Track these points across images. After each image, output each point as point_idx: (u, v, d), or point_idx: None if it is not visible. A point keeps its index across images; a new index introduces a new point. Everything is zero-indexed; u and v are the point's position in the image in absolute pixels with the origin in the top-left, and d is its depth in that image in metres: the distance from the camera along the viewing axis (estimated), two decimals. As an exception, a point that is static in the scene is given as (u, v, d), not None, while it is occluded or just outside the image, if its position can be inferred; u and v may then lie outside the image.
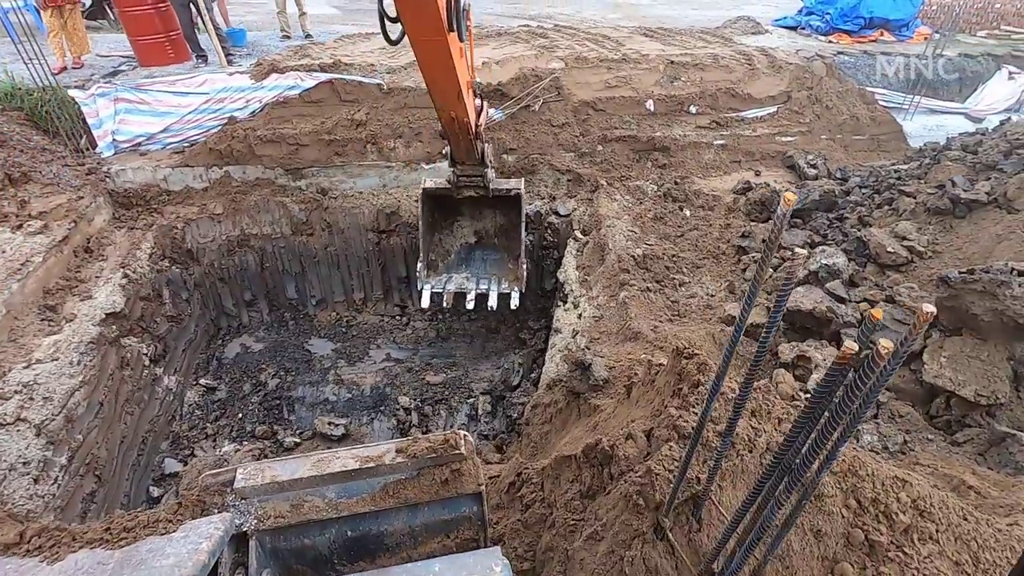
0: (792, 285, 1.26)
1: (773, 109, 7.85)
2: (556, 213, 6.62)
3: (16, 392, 4.08)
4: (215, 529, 1.67)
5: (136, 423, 4.94)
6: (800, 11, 10.17)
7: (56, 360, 4.42)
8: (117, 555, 1.74)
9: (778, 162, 7.43)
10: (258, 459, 4.89)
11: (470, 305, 5.59)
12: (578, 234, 6.18)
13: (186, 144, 6.57)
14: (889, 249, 4.37)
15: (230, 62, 7.22)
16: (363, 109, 6.77)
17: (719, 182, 7.00)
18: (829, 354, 3.81)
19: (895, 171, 5.96)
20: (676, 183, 6.72)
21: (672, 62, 7.91)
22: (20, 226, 5.22)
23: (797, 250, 1.34)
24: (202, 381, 5.83)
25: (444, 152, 5.58)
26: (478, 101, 5.22)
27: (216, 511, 1.83)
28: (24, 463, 3.82)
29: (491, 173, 5.57)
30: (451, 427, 5.44)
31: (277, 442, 5.09)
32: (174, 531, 1.69)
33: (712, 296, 5.08)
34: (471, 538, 2.07)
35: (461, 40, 3.81)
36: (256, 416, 5.44)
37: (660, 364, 2.30)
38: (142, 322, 5.48)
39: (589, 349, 4.03)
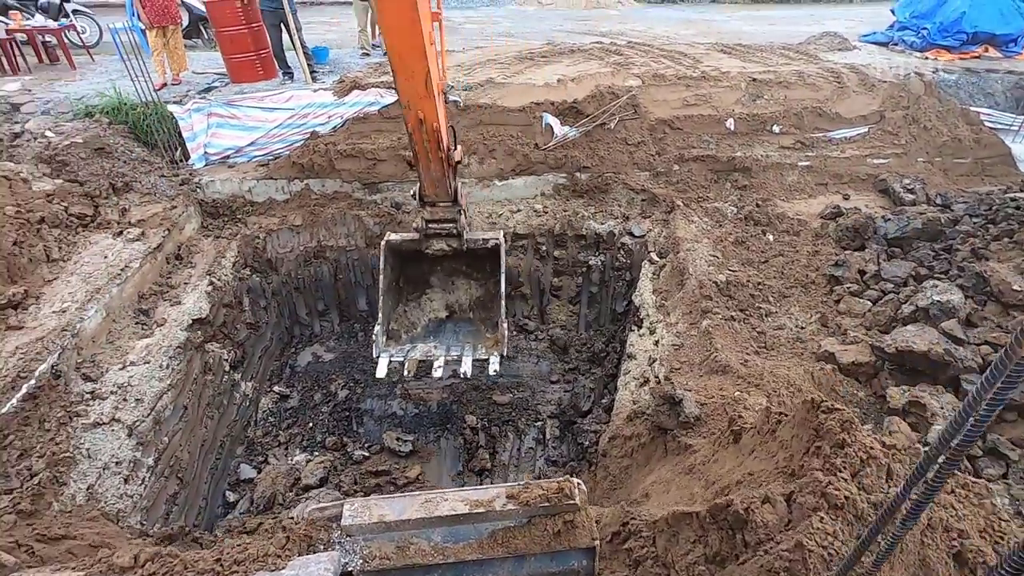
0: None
1: (864, 129, 7.40)
2: (630, 234, 6.44)
3: (112, 393, 4.27)
4: (324, 570, 1.61)
5: (215, 427, 5.08)
6: (892, 26, 9.61)
7: (147, 363, 4.61)
8: None
9: (869, 186, 6.97)
10: (328, 472, 4.94)
11: (438, 373, 4.93)
12: (654, 256, 5.97)
13: (271, 157, 6.82)
14: (1015, 287, 3.95)
15: (314, 79, 7.48)
16: (439, 125, 6.82)
17: (804, 205, 6.63)
18: (948, 402, 3.45)
19: (1011, 199, 5.45)
20: (758, 205, 6.41)
21: (754, 80, 7.61)
22: (120, 233, 5.53)
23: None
24: (276, 388, 5.97)
25: (413, 193, 4.96)
26: (455, 140, 4.67)
27: (322, 547, 1.78)
28: (116, 463, 3.97)
29: (464, 220, 4.95)
30: (518, 450, 5.32)
31: (346, 455, 5.12)
32: (283, 567, 1.64)
33: (802, 328, 4.76)
34: None
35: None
36: (326, 426, 5.50)
37: (781, 413, 2.11)
38: (224, 328, 5.67)
39: (673, 381, 3.82)
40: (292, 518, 3.83)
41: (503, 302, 5.07)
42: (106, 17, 10.37)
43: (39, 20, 8.41)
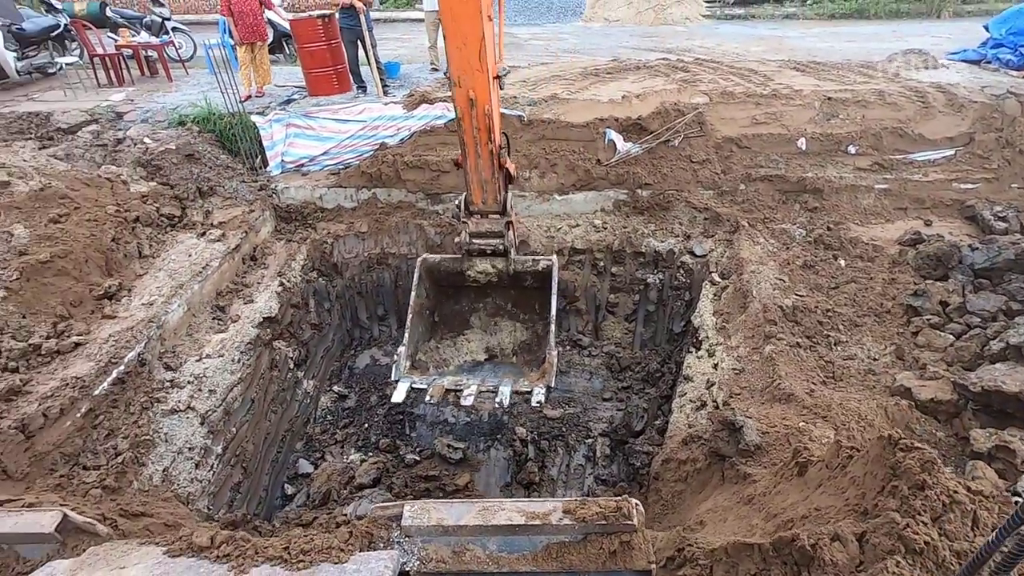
0: None
1: (950, 152, 6.97)
2: (691, 253, 6.31)
3: (188, 382, 4.56)
4: (384, 568, 1.67)
5: (278, 422, 5.33)
6: (985, 43, 9.02)
7: (221, 356, 4.90)
8: None
9: (954, 212, 6.54)
10: (381, 473, 5.06)
11: (467, 401, 4.33)
12: (715, 277, 5.82)
13: (342, 166, 7.14)
14: (1124, 328, 3.60)
15: (386, 92, 7.80)
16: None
17: (880, 230, 6.29)
18: (1041, 449, 3.17)
19: (1121, 232, 4.98)
20: (829, 228, 6.14)
21: (829, 98, 7.33)
22: (203, 233, 5.93)
23: None
24: (335, 388, 6.20)
25: (457, 204, 4.56)
26: (508, 148, 4.32)
27: (382, 545, 1.84)
28: (189, 448, 4.23)
29: (513, 237, 4.51)
30: (567, 466, 5.28)
31: (398, 457, 5.24)
32: (346, 561, 1.71)
33: (875, 360, 4.50)
34: None
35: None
36: (380, 428, 5.65)
37: (852, 447, 2.01)
38: (290, 328, 5.95)
39: (733, 407, 3.70)
40: (346, 515, 3.96)
41: (552, 328, 4.59)
42: (199, 34, 11.23)
43: (144, 37, 9.21)
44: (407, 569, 1.84)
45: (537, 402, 4.39)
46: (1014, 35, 8.44)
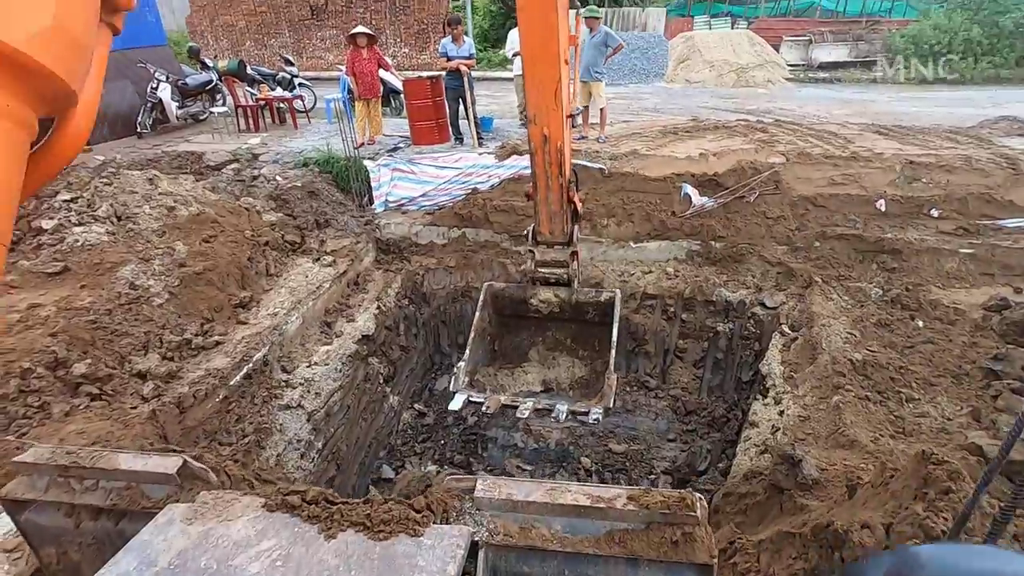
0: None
1: (1044, 220, 6.80)
2: (762, 304, 6.49)
3: (300, 384, 5.26)
4: (458, 546, 1.92)
5: (367, 429, 5.92)
6: (1088, 112, 8.75)
7: (327, 365, 5.60)
8: (378, 550, 1.96)
9: (1049, 280, 6.35)
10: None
11: (523, 415, 4.49)
12: (786, 328, 5.96)
13: (436, 207, 7.96)
14: None
15: (480, 144, 8.66)
16: (584, 189, 7.52)
17: (964, 295, 6.21)
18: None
19: None
20: (907, 289, 6.14)
21: (911, 162, 7.41)
22: (318, 259, 6.81)
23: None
24: (416, 406, 6.77)
25: (526, 233, 4.75)
26: (577, 185, 4.53)
27: (455, 515, 2.13)
28: (297, 440, 4.88)
29: (577, 267, 4.67)
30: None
31: (471, 473, 5.64)
32: (422, 533, 1.98)
33: (949, 420, 4.49)
34: None
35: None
36: (455, 446, 6.11)
37: (895, 468, 2.24)
38: (383, 347, 6.62)
39: (794, 444, 3.88)
40: (432, 485, 4.36)
41: (613, 353, 4.74)
42: (319, 89, 12.87)
43: (279, 91, 10.74)
44: (476, 539, 2.01)
45: (594, 419, 4.49)
46: (1121, 105, 8.16)
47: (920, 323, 5.75)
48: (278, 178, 7.84)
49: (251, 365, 4.96)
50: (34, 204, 6.26)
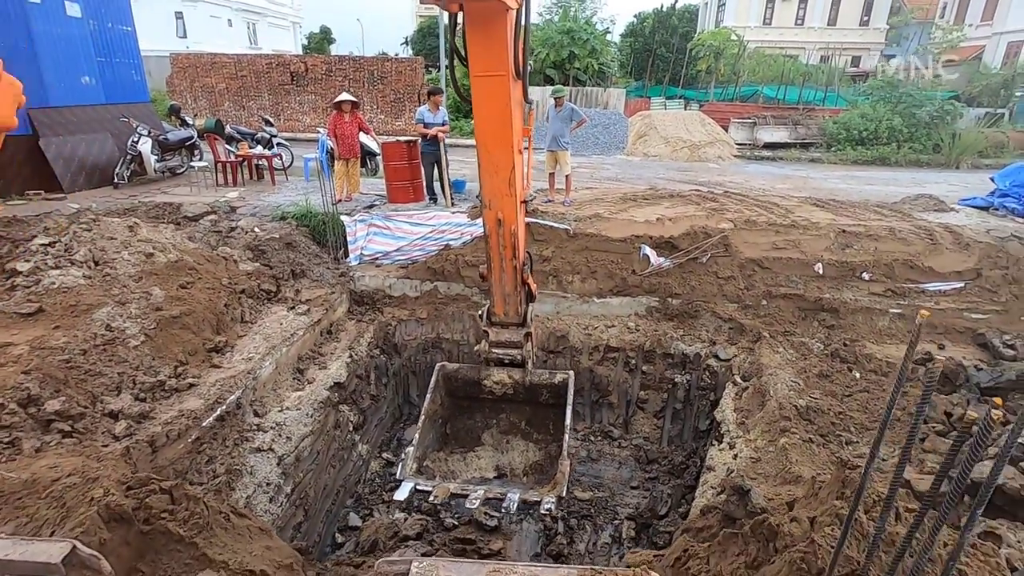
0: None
1: (960, 285, 7.62)
2: (716, 357, 6.94)
3: (271, 428, 5.31)
4: None
5: (336, 476, 5.93)
6: (993, 192, 9.95)
7: (298, 410, 5.67)
8: None
9: (967, 338, 7.05)
10: (421, 534, 5.51)
11: (473, 504, 4.41)
12: (738, 379, 6.39)
13: (410, 262, 8.29)
14: (1102, 438, 4.01)
15: (453, 204, 9.15)
16: (550, 247, 8.04)
17: (895, 350, 6.82)
18: (1025, 537, 3.52)
19: (1115, 361, 5.42)
20: (845, 344, 6.72)
21: (844, 231, 8.22)
22: (293, 307, 6.97)
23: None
24: (384, 455, 6.79)
25: (480, 314, 4.74)
26: (531, 267, 4.57)
27: None
28: (267, 484, 4.89)
29: (531, 349, 4.61)
30: (594, 544, 5.60)
31: (439, 520, 5.67)
32: None
33: (884, 460, 4.90)
34: None
35: (524, 115, 3.80)
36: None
37: (823, 481, 2.57)
38: (353, 395, 6.72)
39: (743, 475, 4.18)
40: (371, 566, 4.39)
41: (567, 437, 4.60)
42: (296, 149, 13.36)
43: (258, 149, 11.14)
44: None
45: (546, 510, 4.37)
46: (1017, 187, 9.35)
47: (857, 374, 6.28)
48: (256, 229, 8.08)
49: (224, 407, 5.01)
50: (8, 247, 6.31)
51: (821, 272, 7.72)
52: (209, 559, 2.95)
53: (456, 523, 5.65)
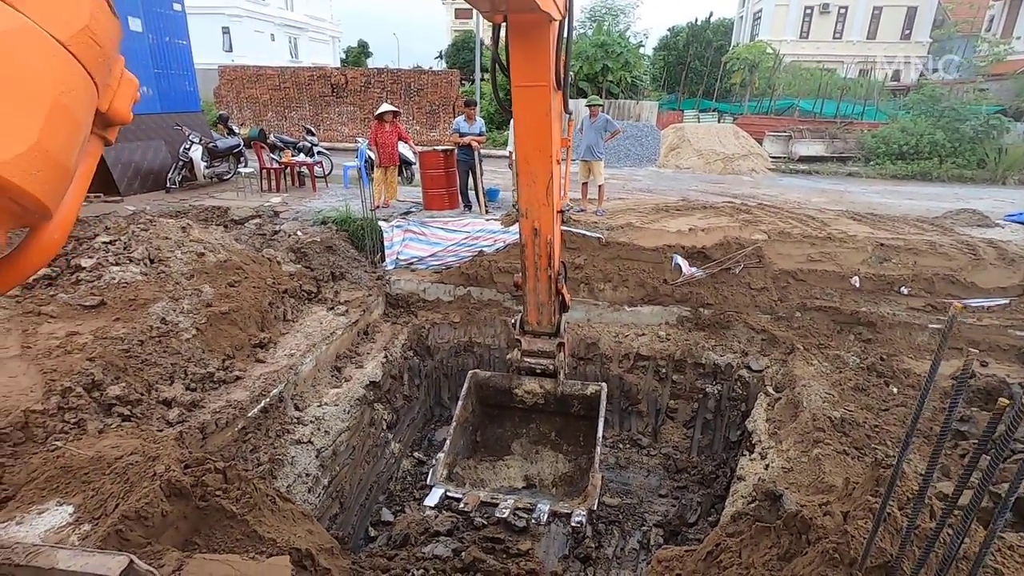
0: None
1: (1005, 301, 7.41)
2: (748, 367, 6.91)
3: (311, 422, 5.53)
4: None
5: (369, 472, 6.10)
6: (1040, 208, 9.65)
7: (336, 406, 5.88)
8: None
9: (1011, 356, 6.84)
10: (451, 530, 5.62)
11: (503, 514, 4.28)
12: (770, 390, 6.35)
13: (444, 267, 8.49)
14: None
15: (487, 212, 9.34)
16: (583, 255, 8.14)
17: (934, 366, 6.67)
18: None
19: None
20: (882, 359, 6.61)
21: (882, 244, 8.10)
22: (332, 308, 7.23)
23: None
24: (415, 454, 6.95)
25: (513, 323, 4.73)
26: (565, 278, 4.58)
27: None
28: (306, 474, 5.09)
29: (564, 359, 4.58)
30: (622, 549, 5.62)
31: (469, 519, 5.78)
32: None
33: (921, 474, 4.81)
34: None
35: (565, 110, 3.80)
36: (453, 493, 6.25)
37: (856, 482, 2.59)
38: (388, 394, 6.91)
39: (775, 481, 4.18)
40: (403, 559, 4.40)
41: (598, 450, 4.47)
42: (335, 157, 13.82)
43: (300, 157, 11.59)
44: None
45: (577, 523, 4.18)
46: (1067, 203, 9.05)
47: (894, 389, 6.17)
48: (299, 233, 8.40)
49: (268, 400, 5.25)
50: (73, 244, 6.73)
51: (858, 285, 7.62)
52: (259, 536, 3.13)
53: (485, 523, 5.75)
